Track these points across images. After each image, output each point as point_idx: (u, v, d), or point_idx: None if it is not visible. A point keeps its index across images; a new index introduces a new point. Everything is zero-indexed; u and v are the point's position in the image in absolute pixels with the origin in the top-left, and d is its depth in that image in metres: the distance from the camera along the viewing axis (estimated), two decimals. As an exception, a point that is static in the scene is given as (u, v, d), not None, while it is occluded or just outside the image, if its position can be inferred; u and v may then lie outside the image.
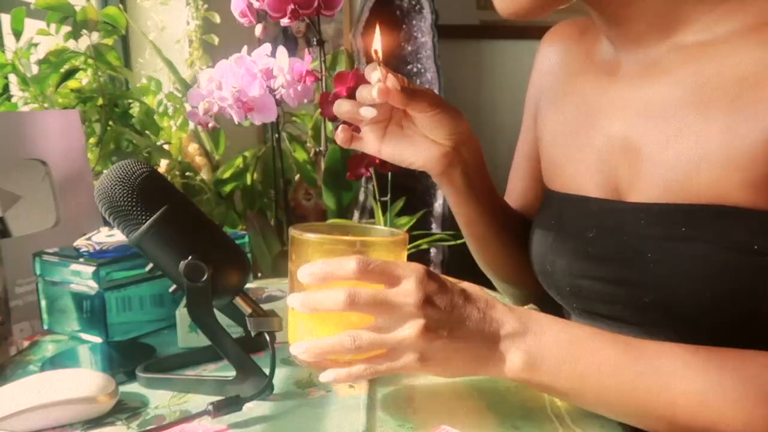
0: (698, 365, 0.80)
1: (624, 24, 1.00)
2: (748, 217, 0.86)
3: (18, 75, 1.94)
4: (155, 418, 0.90)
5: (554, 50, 1.24)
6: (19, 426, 0.84)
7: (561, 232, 1.09)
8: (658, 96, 0.96)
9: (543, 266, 1.12)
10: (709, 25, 0.93)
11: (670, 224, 0.92)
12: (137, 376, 1.00)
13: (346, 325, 0.83)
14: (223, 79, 1.85)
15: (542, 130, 1.23)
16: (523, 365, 0.82)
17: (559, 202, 1.13)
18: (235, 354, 0.94)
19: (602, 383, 0.81)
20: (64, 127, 1.54)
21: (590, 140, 1.07)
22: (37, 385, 0.90)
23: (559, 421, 0.88)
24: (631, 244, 0.96)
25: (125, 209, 0.90)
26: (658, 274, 0.92)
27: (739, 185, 0.86)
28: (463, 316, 0.83)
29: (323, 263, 0.82)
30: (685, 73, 0.94)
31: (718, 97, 0.89)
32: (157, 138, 2.29)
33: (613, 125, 1.02)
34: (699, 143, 0.90)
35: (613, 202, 1.02)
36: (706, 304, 0.88)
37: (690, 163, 0.90)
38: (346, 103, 1.06)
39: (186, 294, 0.91)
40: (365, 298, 0.79)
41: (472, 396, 0.95)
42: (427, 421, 0.87)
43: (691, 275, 0.89)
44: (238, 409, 0.89)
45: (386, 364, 0.82)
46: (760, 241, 0.85)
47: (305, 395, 0.95)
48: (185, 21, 2.59)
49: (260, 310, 0.95)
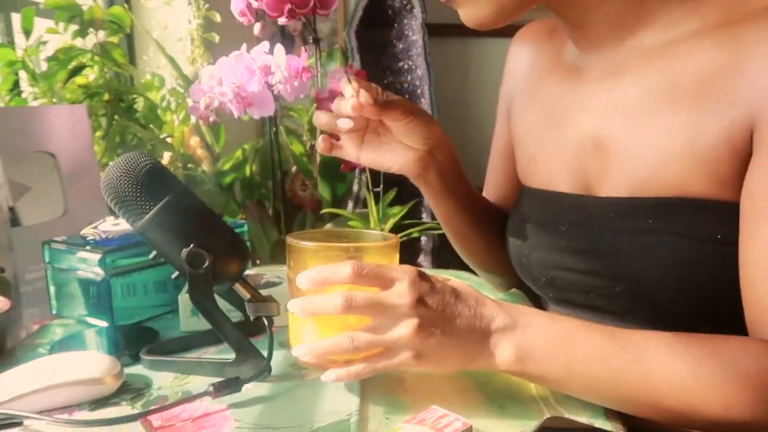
0: (680, 353, 0.79)
1: (585, 27, 1.00)
2: (712, 209, 0.87)
3: (28, 71, 1.94)
4: (158, 398, 0.90)
5: (524, 51, 1.24)
6: (29, 405, 0.84)
7: (535, 226, 1.09)
8: (622, 96, 0.97)
9: (519, 259, 1.13)
10: (667, 27, 0.94)
11: (637, 217, 0.93)
12: (141, 358, 0.99)
13: (345, 327, 0.83)
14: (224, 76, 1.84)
15: (516, 128, 1.23)
16: (513, 358, 0.82)
17: (532, 197, 1.13)
18: (235, 337, 0.93)
19: (589, 372, 0.81)
20: (72, 121, 1.54)
21: (561, 138, 1.07)
22: (47, 367, 0.89)
23: (544, 401, 0.88)
24: (602, 236, 0.97)
25: (130, 199, 0.89)
26: (628, 264, 0.93)
27: (704, 179, 0.87)
28: (454, 313, 0.83)
29: (320, 269, 0.83)
30: (647, 73, 0.94)
31: (680, 96, 0.90)
32: (160, 131, 2.29)
33: (583, 124, 1.03)
34: (664, 140, 0.90)
35: (584, 197, 1.03)
36: (674, 291, 0.89)
37: (656, 159, 0.91)
38: (324, 115, 1.07)
39: (188, 280, 0.91)
40: (361, 301, 0.80)
41: (460, 377, 0.94)
42: (418, 401, 0.87)
43: (659, 265, 0.90)
44: (237, 390, 0.88)
45: (383, 362, 0.82)
46: (724, 231, 0.86)
47: (301, 377, 0.95)
48: (187, 20, 2.59)
49: (259, 296, 0.95)
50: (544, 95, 1.13)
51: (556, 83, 1.11)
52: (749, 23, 0.85)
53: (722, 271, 0.87)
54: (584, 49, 1.03)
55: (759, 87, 0.81)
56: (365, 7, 3.26)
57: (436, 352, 0.82)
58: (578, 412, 0.85)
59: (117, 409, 0.87)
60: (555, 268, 1.04)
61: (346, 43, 3.28)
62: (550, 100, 1.11)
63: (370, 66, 3.27)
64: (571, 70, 1.08)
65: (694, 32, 0.91)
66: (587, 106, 1.02)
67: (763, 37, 0.82)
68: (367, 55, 3.29)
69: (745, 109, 0.83)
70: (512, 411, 0.85)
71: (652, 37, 0.95)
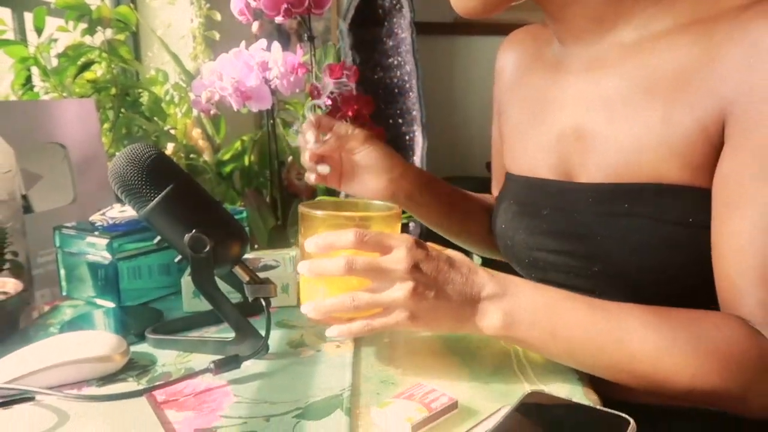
0: (655, 324, 0.80)
1: (566, 21, 1.01)
2: (684, 194, 0.88)
3: (39, 67, 1.94)
4: (162, 375, 0.90)
5: (510, 55, 1.26)
6: (41, 381, 0.84)
7: (519, 211, 1.10)
8: (602, 88, 0.98)
9: (504, 240, 1.14)
10: (644, 23, 0.95)
11: (614, 202, 0.94)
12: (146, 337, 0.99)
13: (348, 288, 0.85)
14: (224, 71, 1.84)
15: (504, 124, 1.25)
16: (500, 323, 0.83)
17: (517, 184, 1.14)
18: (234, 317, 0.93)
19: (571, 339, 0.82)
20: (81, 114, 1.53)
21: (544, 129, 1.08)
22: (57, 346, 0.89)
23: (525, 376, 0.88)
24: (580, 220, 0.98)
25: (136, 187, 0.89)
26: (604, 246, 0.94)
27: (677, 167, 0.88)
28: (447, 279, 0.83)
29: (326, 235, 0.85)
30: (626, 67, 0.96)
31: (656, 90, 0.91)
32: (164, 124, 2.28)
33: (565, 115, 1.04)
34: (641, 131, 0.91)
35: (564, 183, 1.04)
36: (647, 271, 0.90)
37: (633, 148, 0.92)
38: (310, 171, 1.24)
39: (190, 263, 0.90)
40: (361, 264, 0.82)
41: (447, 354, 0.95)
42: (406, 378, 0.87)
43: (633, 246, 0.91)
44: (236, 367, 0.88)
45: (381, 320, 0.84)
46: (695, 215, 0.87)
47: (297, 354, 0.95)
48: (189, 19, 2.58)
49: (257, 278, 0.95)
50: (528, 90, 1.15)
51: (539, 78, 1.12)
52: (721, 22, 0.86)
53: (694, 253, 0.88)
54: (567, 43, 1.05)
55: (730, 81, 0.82)
56: (357, 7, 3.26)
57: (429, 314, 0.83)
58: (558, 388, 0.85)
59: (123, 385, 0.87)
60: (537, 250, 1.04)
61: (339, 41, 3.27)
62: (533, 94, 1.13)
63: (361, 62, 3.26)
64: (554, 65, 1.10)
65: (668, 29, 0.92)
66: (569, 99, 1.04)
67: (734, 35, 0.83)
68: (358, 52, 3.28)
69: (719, 101, 0.84)
70: (495, 387, 0.85)
71: (630, 33, 0.96)
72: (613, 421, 0.69)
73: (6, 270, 1.09)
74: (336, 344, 0.98)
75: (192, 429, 0.75)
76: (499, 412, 0.76)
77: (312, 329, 1.04)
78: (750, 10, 0.83)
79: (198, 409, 0.80)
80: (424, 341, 1.00)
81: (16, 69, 1.92)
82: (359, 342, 0.99)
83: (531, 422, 0.70)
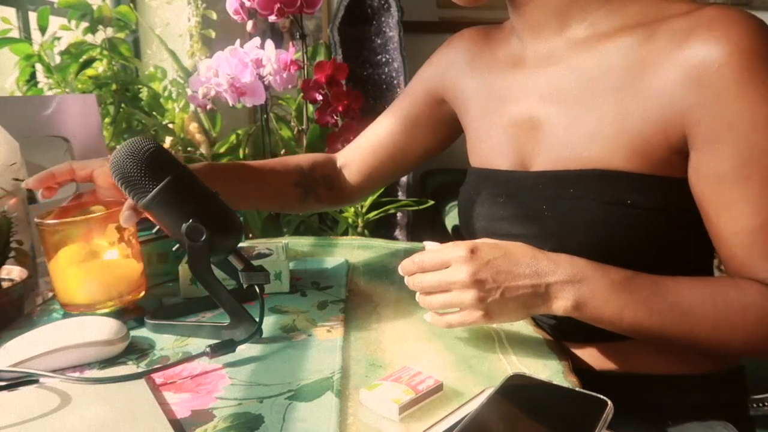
0: (709, 297, 0.86)
1: (529, 14, 1.03)
2: (624, 179, 0.92)
3: (43, 64, 1.94)
4: (161, 358, 0.90)
5: (457, 50, 1.25)
6: (45, 365, 0.83)
7: (479, 200, 1.12)
8: (557, 82, 1.01)
9: (467, 228, 1.17)
10: (595, 22, 0.98)
11: (561, 186, 0.97)
12: (145, 322, 0.99)
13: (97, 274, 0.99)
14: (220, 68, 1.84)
15: (462, 118, 1.25)
16: (572, 306, 0.86)
17: (477, 176, 1.16)
18: (230, 303, 0.93)
19: (637, 317, 0.86)
20: (83, 108, 1.52)
21: (500, 122, 1.10)
22: (60, 330, 0.89)
23: (507, 360, 0.88)
24: (531, 205, 1.01)
25: (135, 179, 0.89)
26: (552, 227, 0.97)
27: (625, 158, 0.92)
28: (509, 277, 0.86)
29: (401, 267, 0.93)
30: (579, 63, 0.99)
31: (607, 84, 0.94)
32: (162, 118, 2.28)
33: (520, 108, 1.06)
34: (592, 122, 0.95)
35: (518, 172, 1.06)
36: (593, 249, 0.91)
37: (584, 138, 0.95)
38: None
39: (187, 252, 0.90)
40: (428, 285, 0.90)
41: (432, 339, 0.94)
42: (394, 361, 0.87)
43: (578, 226, 0.94)
44: (232, 351, 0.88)
45: (458, 319, 0.90)
46: (633, 197, 0.91)
47: (290, 338, 0.95)
48: (187, 18, 2.57)
49: (251, 266, 0.95)
50: (483, 86, 1.16)
51: (494, 74, 1.14)
52: (663, 28, 0.90)
53: (634, 231, 0.92)
54: (525, 39, 1.07)
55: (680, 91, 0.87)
56: (347, 6, 3.25)
57: (499, 311, 0.88)
58: (539, 371, 0.85)
59: (124, 368, 0.86)
60: (495, 234, 1.05)
61: (330, 39, 3.27)
62: (489, 89, 1.14)
63: (351, 59, 3.25)
64: (510, 62, 1.11)
65: (618, 29, 0.96)
66: (524, 92, 1.06)
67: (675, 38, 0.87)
68: (348, 50, 3.28)
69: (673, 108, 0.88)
70: (479, 370, 0.85)
71: (583, 30, 1.00)
72: (592, 401, 0.69)
73: (12, 258, 1.08)
74: (327, 329, 0.98)
75: (189, 410, 0.75)
76: (482, 394, 0.76)
77: (303, 314, 1.04)
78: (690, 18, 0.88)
79: (195, 391, 0.79)
80: (411, 326, 1.00)
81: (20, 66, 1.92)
82: (349, 327, 0.99)
83: (513, 404, 0.70)
